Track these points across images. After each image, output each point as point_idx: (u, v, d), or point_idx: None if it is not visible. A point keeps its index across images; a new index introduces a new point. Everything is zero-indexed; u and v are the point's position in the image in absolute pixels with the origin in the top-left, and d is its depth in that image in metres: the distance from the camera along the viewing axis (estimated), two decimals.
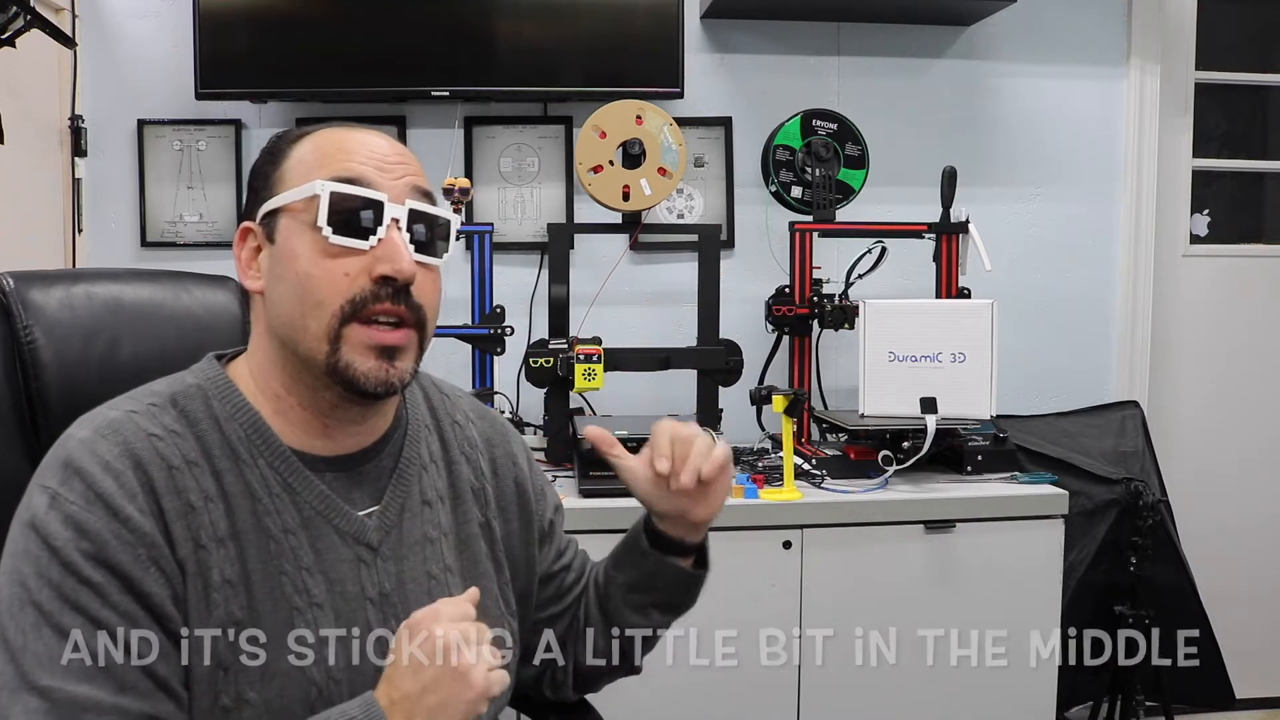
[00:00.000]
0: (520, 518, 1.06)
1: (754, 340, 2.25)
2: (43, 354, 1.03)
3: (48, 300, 1.06)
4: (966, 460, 2.02)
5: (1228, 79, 2.73)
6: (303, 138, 0.91)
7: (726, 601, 1.86)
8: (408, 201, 0.88)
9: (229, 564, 0.83)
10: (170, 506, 0.81)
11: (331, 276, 0.85)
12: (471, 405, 1.09)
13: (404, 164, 0.90)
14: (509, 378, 2.27)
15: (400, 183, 0.89)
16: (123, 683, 0.76)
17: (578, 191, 2.42)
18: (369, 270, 0.85)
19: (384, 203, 0.86)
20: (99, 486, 0.79)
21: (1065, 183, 2.60)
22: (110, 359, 1.06)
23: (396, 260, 0.85)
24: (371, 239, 0.86)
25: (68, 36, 1.97)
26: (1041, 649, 1.95)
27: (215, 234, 2.38)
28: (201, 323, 1.14)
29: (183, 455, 0.84)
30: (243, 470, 0.86)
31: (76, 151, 2.31)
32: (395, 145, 0.92)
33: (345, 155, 0.88)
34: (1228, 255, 2.73)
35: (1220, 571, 2.60)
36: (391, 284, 0.86)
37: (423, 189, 0.91)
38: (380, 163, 0.89)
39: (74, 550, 0.77)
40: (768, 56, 2.50)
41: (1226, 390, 2.72)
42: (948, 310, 2.01)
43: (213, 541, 0.83)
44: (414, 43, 2.26)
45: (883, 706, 1.92)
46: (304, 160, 0.89)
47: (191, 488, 0.83)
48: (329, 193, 0.85)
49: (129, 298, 1.11)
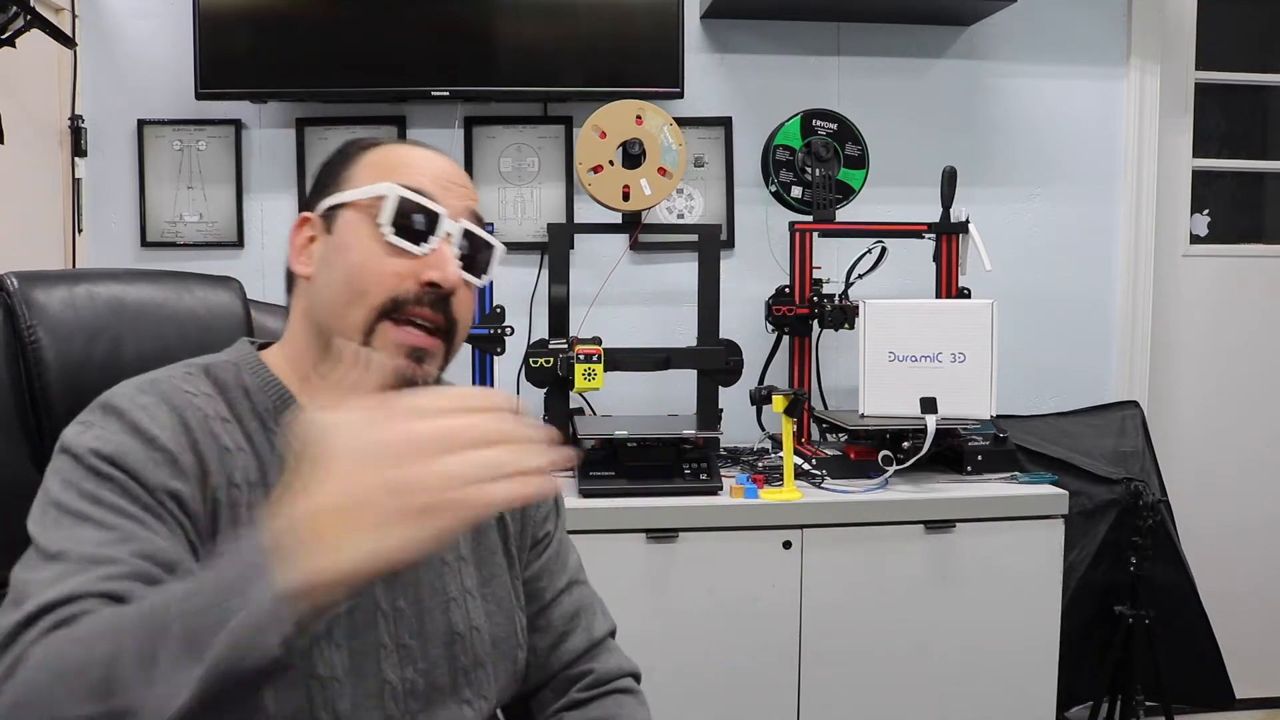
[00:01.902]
0: (520, 517, 1.06)
1: (754, 340, 2.25)
2: (46, 354, 1.03)
3: (51, 300, 1.06)
4: (966, 460, 2.02)
5: (1228, 79, 2.73)
6: (374, 147, 0.97)
7: (726, 601, 1.87)
8: (462, 221, 0.93)
9: (260, 509, 0.84)
10: (207, 446, 0.85)
11: (382, 271, 0.89)
12: None
13: (464, 188, 0.96)
14: (509, 378, 2.28)
15: (459, 203, 0.94)
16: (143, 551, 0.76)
17: (578, 191, 2.42)
18: (417, 274, 0.90)
19: (442, 216, 0.92)
20: (135, 420, 0.83)
21: (1065, 183, 2.60)
22: (113, 359, 1.06)
23: (444, 269, 0.90)
24: (425, 246, 0.91)
25: (68, 36, 1.97)
26: (1041, 649, 1.96)
27: (215, 234, 2.37)
28: (204, 323, 1.14)
29: (217, 412, 0.88)
30: (269, 436, 0.90)
31: (76, 151, 2.31)
32: (458, 170, 0.98)
33: (414, 169, 0.94)
34: (1228, 255, 2.73)
35: (1220, 571, 2.60)
36: (435, 290, 0.90)
37: (477, 214, 0.97)
38: (445, 182, 0.94)
39: (96, 457, 0.80)
40: (768, 56, 2.50)
41: (1226, 390, 2.72)
42: (948, 310, 2.01)
43: (245, 484, 0.86)
44: (414, 43, 2.26)
45: (883, 706, 1.92)
46: (375, 165, 0.95)
47: (225, 436, 0.87)
48: (396, 196, 0.90)
49: (131, 298, 1.11)
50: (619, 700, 1.06)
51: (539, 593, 1.06)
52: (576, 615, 1.08)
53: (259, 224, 2.38)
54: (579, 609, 1.08)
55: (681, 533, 1.85)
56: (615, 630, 1.12)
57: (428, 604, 0.94)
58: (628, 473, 1.90)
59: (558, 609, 1.07)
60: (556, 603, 1.07)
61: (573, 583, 1.09)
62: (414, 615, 0.93)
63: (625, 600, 1.26)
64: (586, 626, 1.08)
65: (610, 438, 1.93)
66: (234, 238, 2.37)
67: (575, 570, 1.11)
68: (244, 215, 2.37)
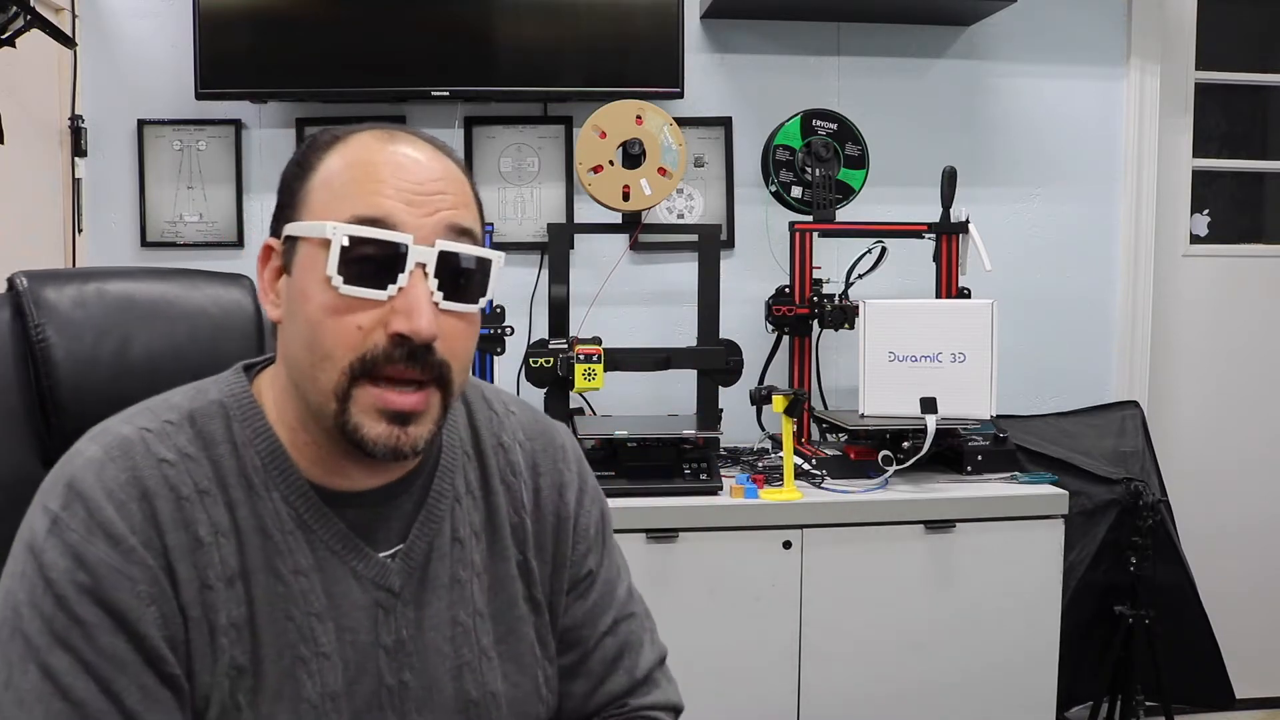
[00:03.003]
0: (554, 559, 0.94)
1: (754, 340, 2.25)
2: (54, 352, 1.02)
3: (60, 299, 1.05)
4: (966, 460, 2.02)
5: (1228, 79, 2.73)
6: (335, 144, 0.81)
7: (726, 601, 1.87)
8: (438, 243, 0.77)
9: (236, 605, 0.78)
10: (176, 543, 0.76)
11: (343, 329, 0.76)
12: (526, 424, 0.97)
13: (442, 193, 0.79)
14: (509, 378, 2.27)
15: (433, 220, 0.78)
16: None
17: (578, 191, 2.42)
18: (384, 322, 0.76)
19: (408, 245, 0.76)
20: (100, 514, 0.74)
21: (1065, 183, 2.60)
22: (122, 357, 1.05)
23: (414, 319, 0.75)
24: (391, 287, 0.76)
25: (68, 36, 1.97)
26: (1041, 649, 1.96)
27: (215, 234, 2.37)
28: (215, 320, 1.12)
29: (194, 484, 0.78)
30: (256, 504, 0.80)
31: (76, 151, 2.31)
32: (438, 166, 0.80)
33: (373, 184, 0.77)
34: (1228, 255, 2.73)
35: (1220, 571, 2.60)
36: (407, 343, 0.76)
37: (460, 226, 0.79)
38: (413, 193, 0.77)
39: (69, 584, 0.73)
40: (768, 56, 2.50)
41: (1226, 390, 2.72)
42: (948, 310, 2.01)
43: (221, 581, 0.77)
44: (414, 43, 2.26)
45: (883, 706, 1.92)
46: (329, 184, 0.79)
47: (201, 520, 0.77)
48: (342, 238, 0.75)
49: (141, 295, 1.10)
50: None
51: (580, 641, 0.95)
52: (620, 657, 0.97)
53: (259, 224, 2.37)
54: (623, 648, 0.97)
55: (681, 533, 1.85)
56: (665, 655, 1.02)
57: (436, 673, 0.85)
58: (628, 473, 1.90)
59: (599, 653, 0.96)
60: (599, 647, 0.96)
61: (618, 620, 0.98)
62: (421, 688, 0.84)
63: None
64: (629, 667, 0.97)
65: (610, 438, 1.93)
66: (234, 238, 2.37)
67: (623, 604, 0.99)
68: (244, 215, 2.37)
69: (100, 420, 0.83)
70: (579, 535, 0.96)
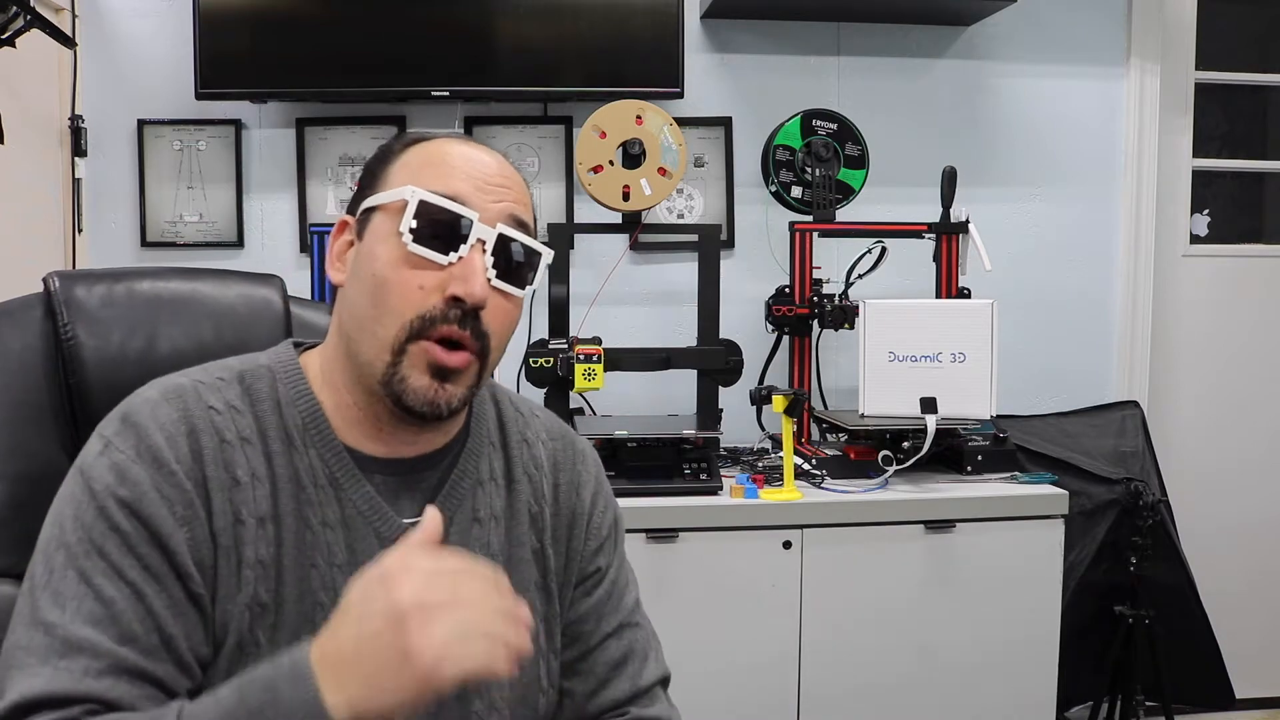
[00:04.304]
0: (566, 551, 0.98)
1: (754, 340, 2.25)
2: (83, 350, 1.05)
3: (90, 298, 1.08)
4: (966, 460, 2.02)
5: (1228, 79, 2.73)
6: (417, 143, 0.90)
7: (726, 601, 1.87)
8: (499, 226, 0.86)
9: (264, 545, 0.83)
10: (215, 476, 0.82)
11: (406, 286, 0.84)
12: (550, 426, 1.04)
13: (506, 188, 0.88)
14: (509, 378, 2.27)
15: (497, 206, 0.87)
16: (126, 633, 0.76)
17: (578, 191, 2.42)
18: (442, 287, 0.84)
19: (473, 221, 0.85)
20: (150, 440, 0.81)
21: (1065, 183, 2.60)
22: (148, 354, 1.07)
23: (469, 282, 0.83)
24: (452, 255, 0.84)
25: (68, 36, 1.97)
26: (1041, 649, 1.96)
27: (215, 234, 2.37)
28: (243, 318, 1.14)
29: (238, 432, 0.85)
30: (293, 456, 0.86)
31: (76, 151, 2.31)
32: (504, 168, 0.90)
33: (448, 168, 0.87)
34: (1227, 255, 2.73)
35: (1220, 571, 2.60)
36: (460, 306, 0.84)
37: (520, 218, 0.89)
38: (482, 182, 0.87)
39: (110, 496, 0.79)
40: (768, 56, 2.50)
41: (1226, 390, 2.72)
42: (948, 310, 2.01)
43: (252, 518, 0.83)
44: (414, 43, 2.26)
45: (883, 706, 1.92)
46: (408, 165, 0.88)
47: (240, 463, 0.84)
48: (417, 200, 0.84)
49: (169, 294, 1.12)
50: None
51: (583, 636, 0.98)
52: (624, 662, 0.98)
53: (259, 224, 2.37)
54: (628, 655, 0.99)
55: (681, 533, 1.85)
56: (669, 678, 1.02)
57: None
58: (628, 473, 1.90)
59: (603, 654, 0.98)
60: (602, 647, 0.98)
61: (624, 625, 0.99)
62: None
63: None
64: (633, 675, 0.98)
65: (610, 438, 1.93)
66: (234, 238, 2.37)
67: (629, 611, 1.01)
68: (244, 215, 2.36)
69: None
70: (591, 532, 1.00)
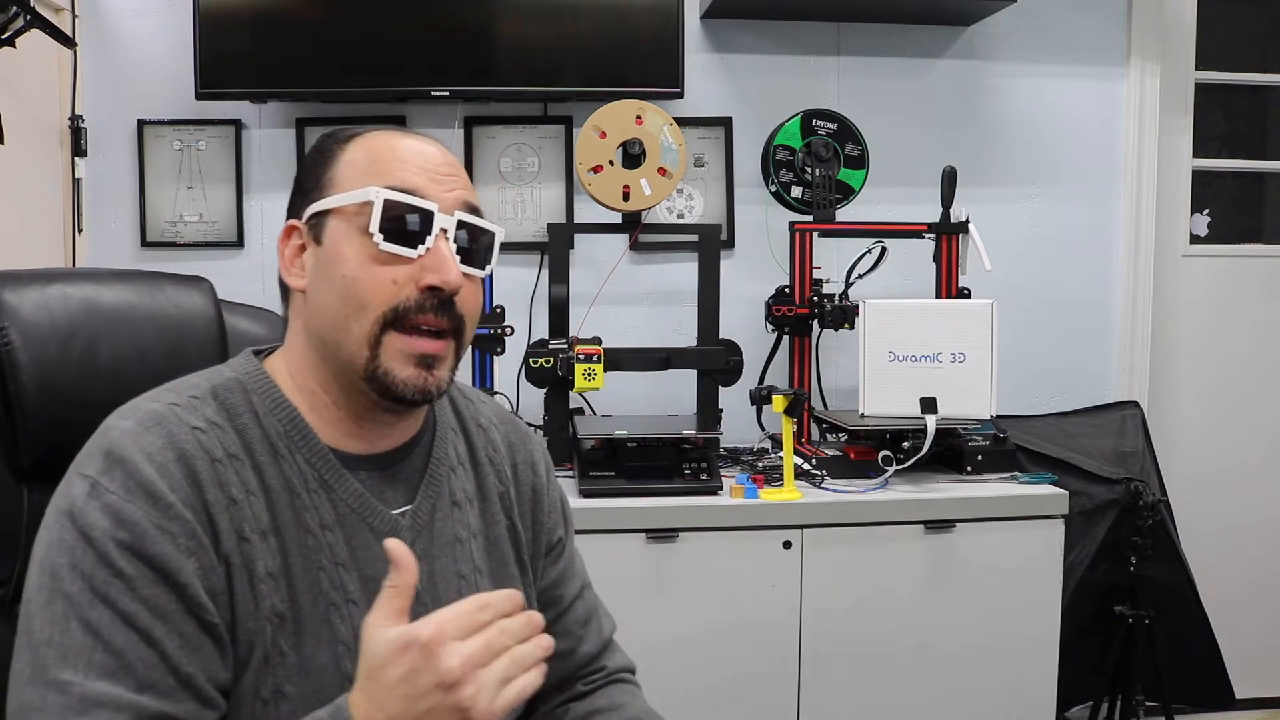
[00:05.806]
0: (533, 525, 1.05)
1: (754, 340, 2.25)
2: (19, 355, 1.00)
3: (23, 301, 1.02)
4: (966, 460, 2.02)
5: (1228, 79, 2.73)
6: (353, 139, 0.92)
7: (726, 601, 1.87)
8: (456, 213, 0.89)
9: (271, 557, 0.84)
10: (214, 499, 0.82)
11: (378, 282, 0.86)
12: (495, 410, 1.10)
13: (454, 176, 0.92)
14: (509, 378, 2.28)
15: (451, 195, 0.90)
16: (143, 681, 0.75)
17: (578, 191, 2.42)
18: (416, 279, 0.86)
19: (434, 213, 0.87)
20: (141, 475, 0.79)
21: (1065, 183, 2.60)
22: (89, 360, 1.03)
23: (444, 271, 0.86)
24: (420, 248, 0.87)
25: (68, 36, 1.97)
26: (1041, 649, 1.96)
27: (215, 234, 2.37)
28: (176, 323, 1.11)
29: (224, 448, 0.84)
30: (281, 465, 0.87)
31: (76, 151, 2.31)
32: (446, 156, 0.93)
33: (399, 163, 0.89)
34: (1227, 255, 2.73)
35: (1220, 571, 2.60)
36: (437, 294, 0.87)
37: (471, 203, 0.92)
38: (433, 173, 0.90)
39: (109, 540, 0.76)
40: (768, 56, 2.50)
41: (1226, 390, 2.72)
42: (948, 310, 2.01)
43: (256, 534, 0.83)
44: (414, 43, 2.26)
45: (883, 706, 1.92)
46: (356, 164, 0.90)
47: (234, 481, 0.83)
48: (383, 200, 0.86)
49: (105, 299, 1.08)
50: (621, 689, 1.09)
51: (557, 600, 1.07)
52: (589, 619, 1.10)
53: (259, 224, 2.37)
54: (590, 613, 1.11)
55: (681, 533, 1.85)
56: (615, 628, 1.14)
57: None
58: (628, 473, 1.90)
59: (573, 614, 1.09)
60: (572, 609, 1.09)
61: (584, 587, 1.11)
62: None
63: (625, 600, 1.26)
64: (598, 629, 1.11)
65: (610, 438, 1.93)
66: (234, 238, 2.37)
67: (583, 575, 1.13)
68: (244, 215, 2.36)
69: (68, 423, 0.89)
70: (550, 505, 1.08)
